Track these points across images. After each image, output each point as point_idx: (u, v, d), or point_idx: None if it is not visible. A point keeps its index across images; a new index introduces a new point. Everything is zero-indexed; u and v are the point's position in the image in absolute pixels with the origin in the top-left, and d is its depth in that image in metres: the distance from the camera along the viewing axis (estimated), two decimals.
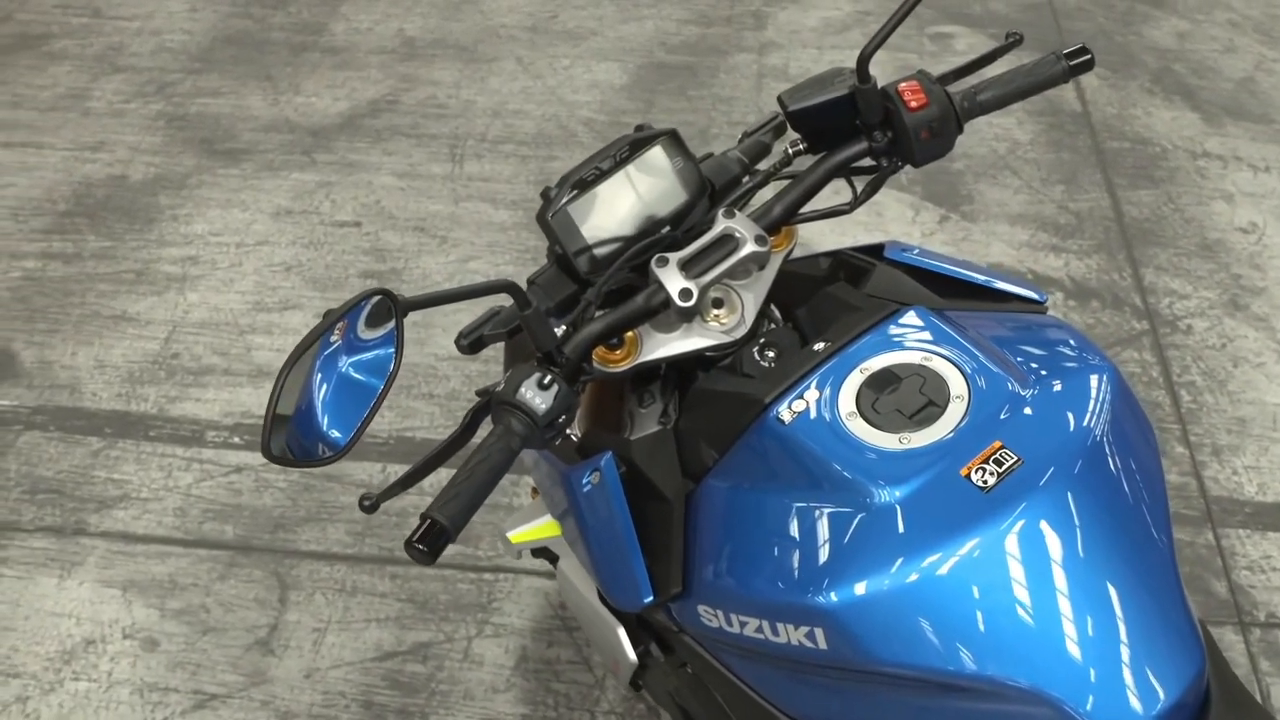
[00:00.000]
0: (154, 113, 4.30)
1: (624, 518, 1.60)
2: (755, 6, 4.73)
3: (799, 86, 1.73)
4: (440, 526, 1.42)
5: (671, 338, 1.71)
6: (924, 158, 1.70)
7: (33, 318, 3.54)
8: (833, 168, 1.73)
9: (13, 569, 2.91)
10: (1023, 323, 1.68)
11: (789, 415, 1.51)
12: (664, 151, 1.71)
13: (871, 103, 1.67)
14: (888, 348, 1.56)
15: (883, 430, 1.47)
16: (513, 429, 1.49)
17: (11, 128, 4.24)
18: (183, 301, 3.56)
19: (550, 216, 1.67)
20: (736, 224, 1.65)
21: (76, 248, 3.76)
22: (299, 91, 4.38)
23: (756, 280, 1.74)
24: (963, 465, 1.41)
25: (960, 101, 1.70)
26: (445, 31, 4.67)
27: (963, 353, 1.52)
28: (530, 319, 1.52)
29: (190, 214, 3.86)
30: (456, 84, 4.39)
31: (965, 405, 1.47)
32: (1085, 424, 1.47)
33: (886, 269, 1.78)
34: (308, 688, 2.66)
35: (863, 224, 3.71)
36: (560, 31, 4.66)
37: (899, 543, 1.38)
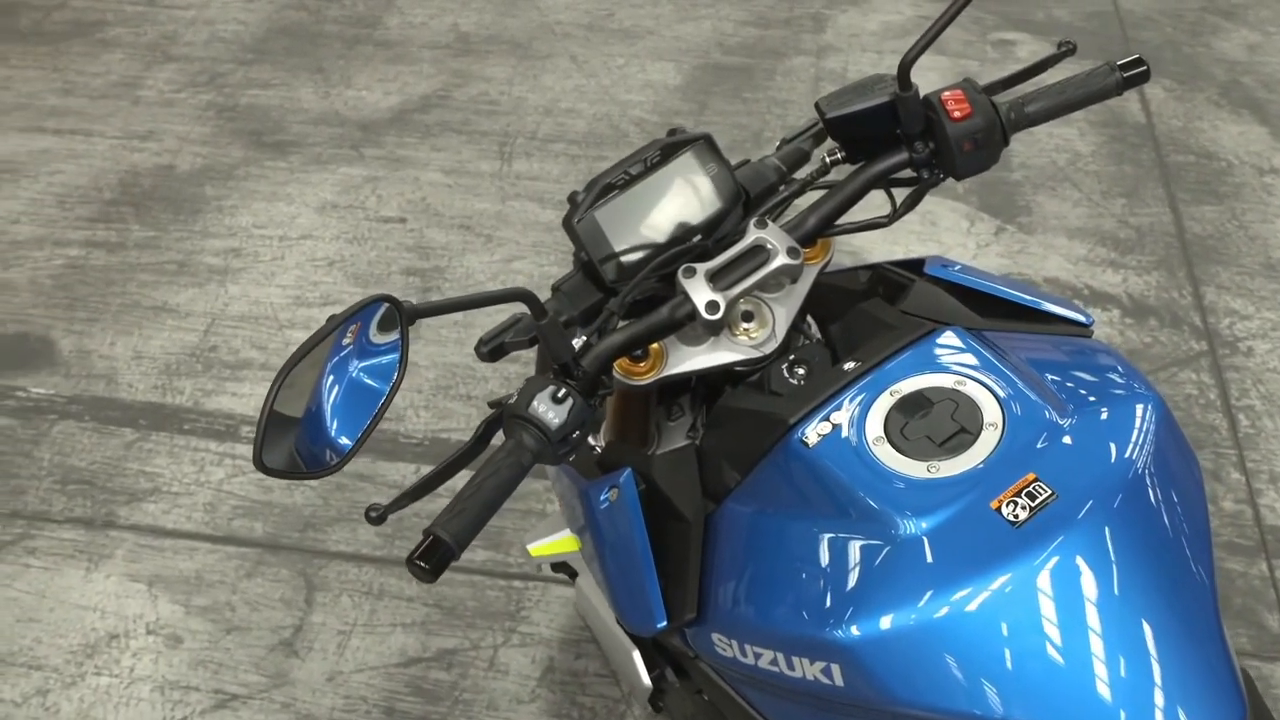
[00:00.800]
0: (204, 103, 4.28)
1: (641, 538, 1.54)
2: (815, 9, 4.65)
3: (838, 93, 1.66)
4: (443, 544, 1.36)
5: (698, 351, 1.64)
6: (966, 170, 1.62)
7: (73, 306, 3.52)
8: (871, 178, 1.65)
9: (40, 559, 2.89)
10: (1065, 346, 1.60)
11: (814, 438, 1.44)
12: (697, 157, 1.65)
13: (913, 111, 1.60)
14: (920, 370, 1.48)
15: (911, 458, 1.40)
16: (524, 444, 1.43)
17: (62, 115, 4.24)
18: (223, 294, 3.53)
19: (576, 222, 1.61)
20: (768, 235, 1.58)
21: (120, 237, 3.74)
22: (350, 85, 4.34)
23: (789, 294, 1.68)
24: (993, 498, 1.34)
25: (1007, 112, 1.62)
26: (500, 27, 4.62)
27: (999, 378, 1.45)
28: (546, 329, 1.46)
29: (235, 206, 3.84)
30: (509, 80, 4.34)
31: (999, 434, 1.40)
32: (1126, 456, 1.39)
33: (926, 285, 1.71)
34: (329, 691, 2.62)
35: (915, 233, 3.62)
36: (616, 30, 4.60)
37: (922, 578, 1.31)
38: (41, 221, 3.81)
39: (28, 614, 2.79)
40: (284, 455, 1.29)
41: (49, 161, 4.04)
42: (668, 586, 1.53)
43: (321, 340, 1.27)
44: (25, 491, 3.04)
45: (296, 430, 1.31)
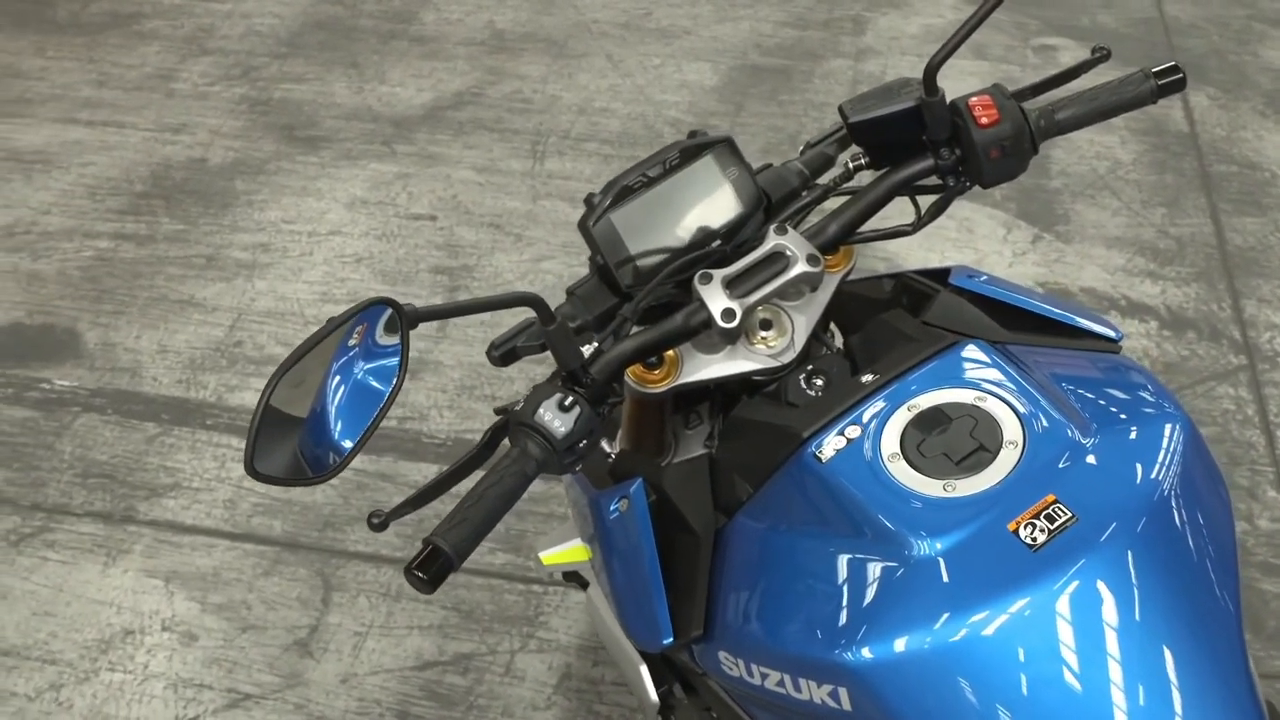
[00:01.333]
0: (238, 96, 4.26)
1: (649, 551, 1.50)
2: (855, 11, 4.59)
3: (863, 96, 1.61)
4: (442, 554, 1.33)
5: (714, 359, 1.60)
6: (993, 179, 1.57)
7: (100, 298, 3.51)
8: (895, 185, 1.61)
9: (59, 553, 2.88)
10: (1092, 362, 1.55)
11: (827, 453, 1.40)
12: (717, 160, 1.61)
13: (938, 117, 1.55)
14: (939, 384, 1.44)
15: (927, 475, 1.35)
16: (529, 452, 1.39)
17: (96, 106, 4.24)
18: (250, 289, 3.52)
19: (592, 224, 1.57)
20: (788, 241, 1.53)
21: (150, 229, 3.73)
22: (384, 80, 4.32)
23: (809, 302, 1.63)
24: (1011, 519, 1.29)
25: (1036, 120, 1.57)
26: (536, 25, 4.59)
27: (1021, 394, 1.40)
28: (554, 335, 1.42)
29: (265, 200, 3.82)
30: (544, 79, 4.31)
31: (1019, 452, 1.35)
32: (1151, 478, 1.34)
33: (950, 296, 1.66)
34: (343, 693, 2.59)
35: (952, 240, 3.57)
36: (653, 29, 4.56)
37: (935, 601, 1.26)
38: (72, 213, 3.80)
39: (44, 607, 2.78)
40: (278, 460, 1.25)
41: (81, 153, 4.04)
42: (676, 601, 1.49)
43: (317, 344, 1.24)
44: (46, 484, 3.02)
45: (291, 435, 1.27)
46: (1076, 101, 1.59)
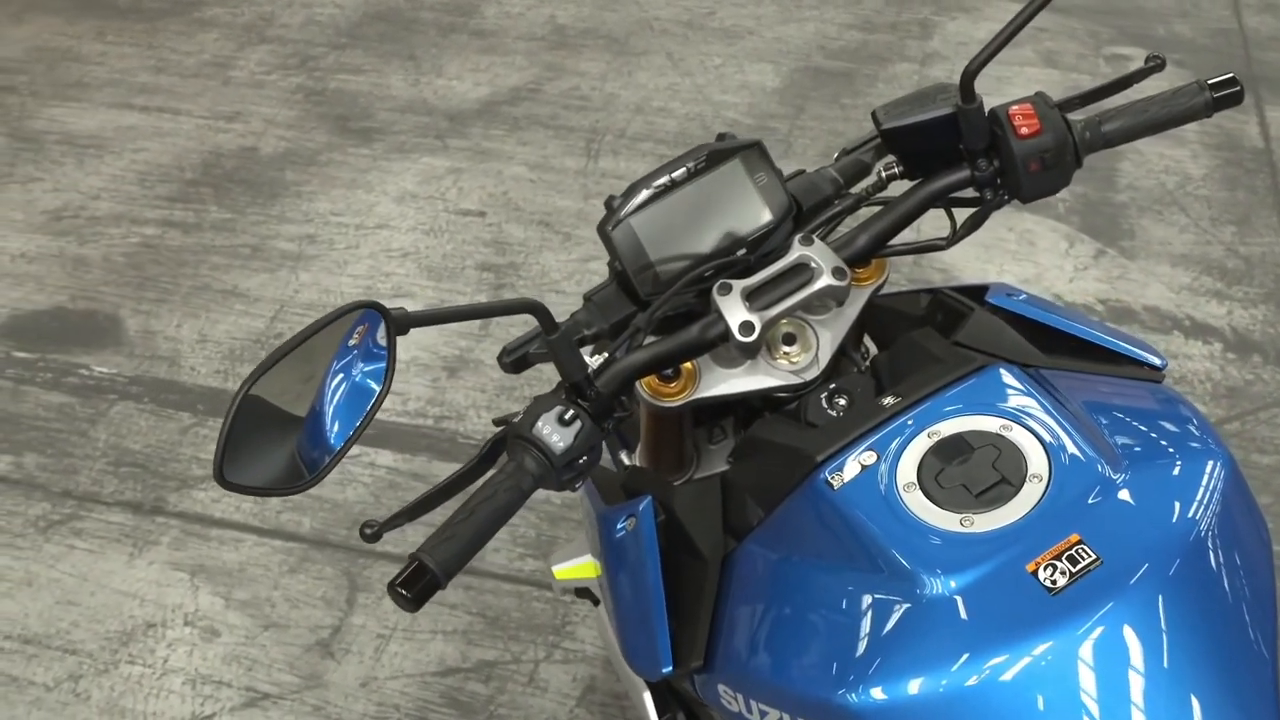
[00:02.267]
0: (293, 86, 4.23)
1: (654, 574, 1.43)
2: (924, 15, 4.48)
3: (898, 102, 1.53)
4: (428, 572, 1.26)
5: (733, 374, 1.53)
6: (1032, 193, 1.48)
7: (144, 285, 3.49)
8: (928, 196, 1.52)
9: (86, 542, 2.85)
10: (1131, 392, 1.46)
11: (839, 480, 1.32)
12: (745, 165, 1.53)
13: (975, 125, 1.46)
14: (964, 410, 1.35)
15: (943, 508, 1.26)
16: (525, 467, 1.32)
17: (152, 92, 4.22)
18: (294, 280, 3.48)
19: (610, 229, 1.50)
20: (813, 253, 1.45)
21: (197, 218, 3.71)
22: (441, 74, 4.28)
23: (837, 317, 1.55)
24: (1031, 559, 1.20)
25: (1081, 131, 1.48)
26: (598, 21, 4.53)
27: (1049, 424, 1.31)
28: (556, 344, 1.36)
29: (314, 191, 3.78)
30: (602, 76, 4.24)
31: (1043, 487, 1.26)
32: (1186, 518, 1.25)
33: (985, 315, 1.57)
34: (362, 697, 2.54)
35: (1012, 253, 3.46)
36: (716, 29, 4.48)
37: (944, 643, 1.18)
38: (121, 199, 3.79)
39: (68, 596, 2.75)
40: (250, 469, 1.19)
41: (134, 138, 4.02)
42: (678, 628, 1.42)
43: (294, 349, 1.18)
44: (78, 471, 3.00)
45: (266, 443, 1.21)
46: (1125, 113, 1.50)
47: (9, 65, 4.40)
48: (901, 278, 3.35)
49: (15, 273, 3.56)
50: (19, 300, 3.47)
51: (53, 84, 4.29)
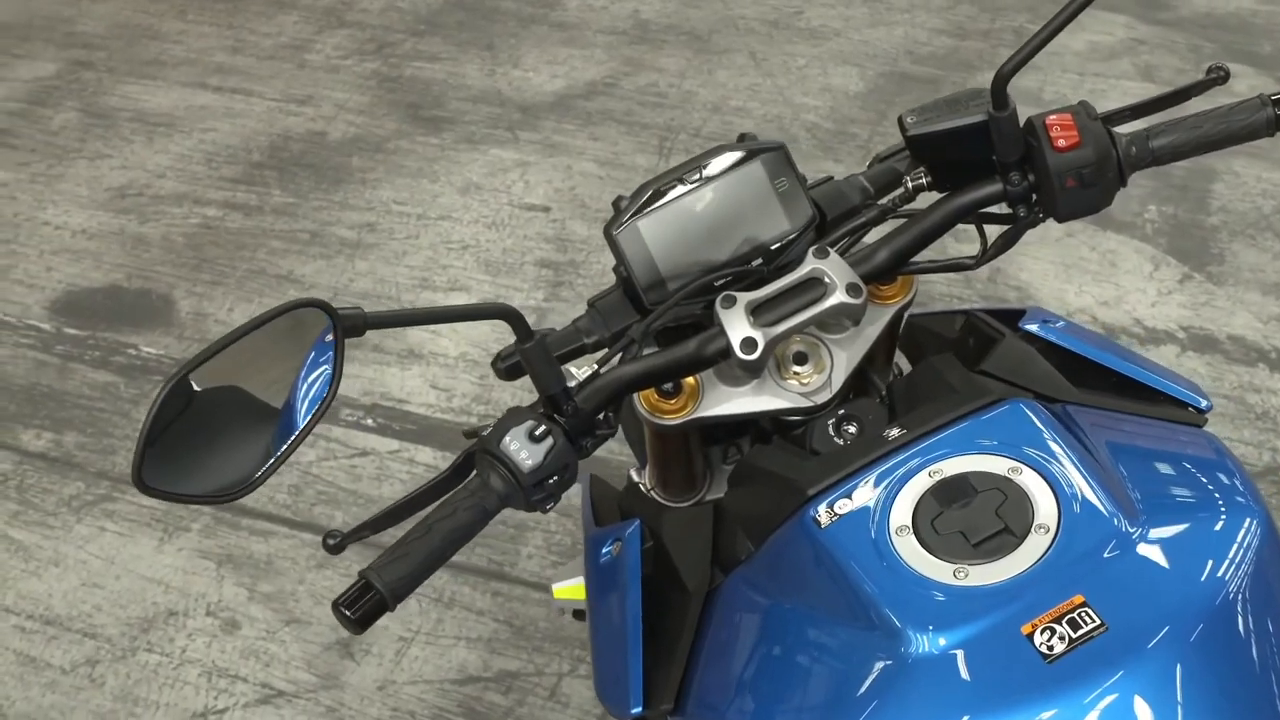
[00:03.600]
0: (368, 71, 4.19)
1: (633, 605, 1.33)
2: (1018, 22, 4.32)
3: (928, 106, 1.41)
4: (374, 592, 1.18)
5: (738, 392, 1.42)
6: (1068, 211, 1.36)
7: (200, 267, 3.45)
8: (956, 211, 1.40)
9: (117, 524, 2.81)
10: (1166, 435, 1.33)
11: (827, 518, 1.20)
12: (766, 169, 1.42)
13: (1008, 135, 1.34)
14: (971, 448, 1.22)
15: (937, 556, 1.14)
16: (490, 485, 1.23)
17: (227, 72, 4.20)
18: (350, 269, 3.42)
19: (615, 231, 1.40)
20: (827, 266, 1.34)
21: (260, 200, 3.67)
22: (517, 65, 4.20)
23: (854, 337, 1.44)
24: (1028, 620, 1.08)
25: (1126, 146, 1.35)
26: (682, 17, 4.43)
27: (1064, 469, 1.18)
28: (530, 354, 1.26)
29: (379, 179, 3.73)
30: (681, 73, 4.14)
31: (1049, 539, 1.13)
32: (1212, 580, 1.12)
33: (1016, 343, 1.45)
34: (378, 700, 2.46)
35: (1092, 274, 3.30)
36: (802, 29, 4.36)
37: (924, 708, 1.06)
38: (186, 178, 3.76)
39: (94, 579, 2.71)
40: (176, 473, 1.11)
41: (205, 119, 4.00)
42: (654, 664, 1.31)
43: (230, 344, 1.09)
44: (116, 452, 2.96)
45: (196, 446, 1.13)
46: (1177, 128, 1.37)
47: (90, 40, 4.40)
48: (974, 294, 3.21)
49: (74, 249, 3.54)
50: (75, 276, 3.45)
51: (130, 61, 4.28)
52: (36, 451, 2.98)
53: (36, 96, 4.15)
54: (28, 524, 2.81)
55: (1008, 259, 3.34)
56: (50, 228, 3.62)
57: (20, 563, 2.75)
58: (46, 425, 3.03)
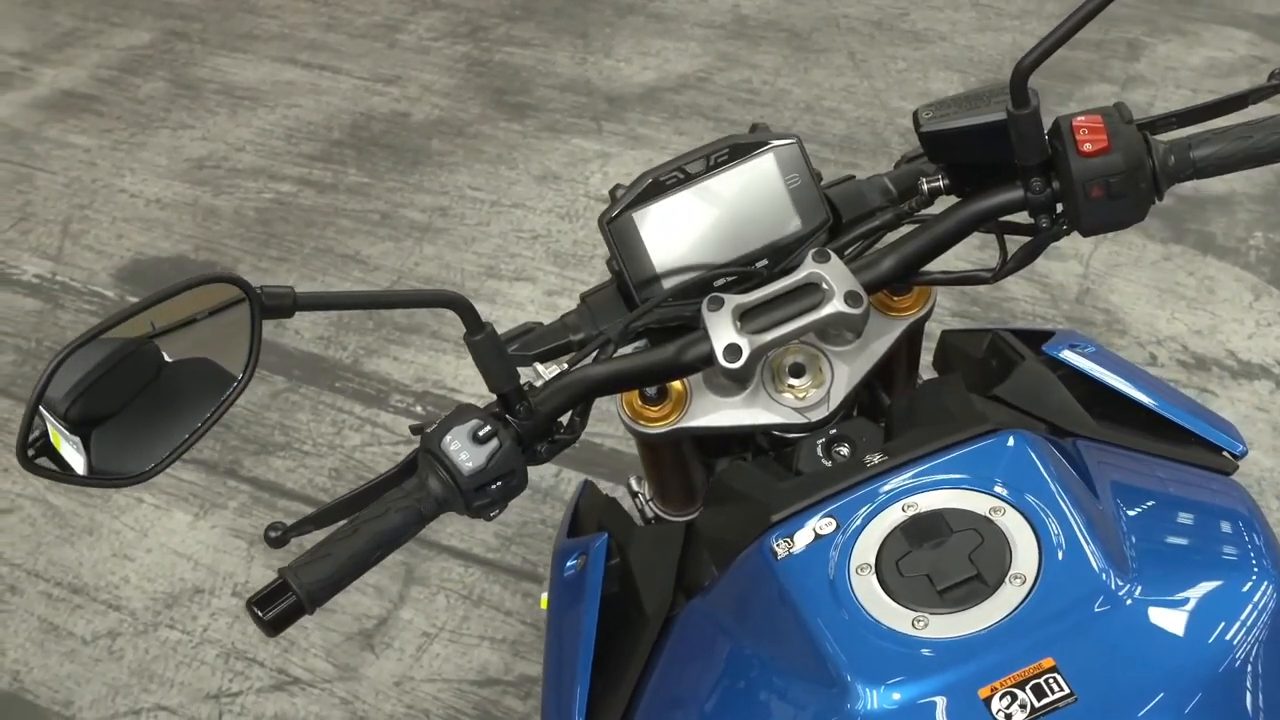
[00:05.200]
0: (458, 54, 4.13)
1: (588, 624, 1.23)
2: (1134, 34, 4.13)
3: (946, 101, 1.29)
4: (291, 594, 1.10)
5: (728, 403, 1.32)
6: (1092, 224, 1.22)
7: (268, 242, 3.42)
8: (971, 217, 1.27)
9: (154, 497, 2.78)
10: (1186, 482, 1.19)
11: (783, 549, 1.09)
12: (778, 163, 1.32)
13: (1028, 136, 1.22)
14: (953, 482, 1.10)
15: (897, 601, 1.02)
16: (428, 486, 1.15)
17: (318, 49, 4.17)
18: (417, 252, 3.36)
19: (608, 221, 1.31)
20: (826, 271, 1.23)
21: (335, 178, 3.63)
22: (609, 54, 4.12)
23: (859, 351, 1.33)
24: (986, 683, 0.96)
25: (1164, 155, 1.21)
26: (783, 14, 4.31)
27: (1053, 512, 1.05)
28: (480, 347, 1.17)
29: (456, 163, 3.67)
30: (776, 70, 4.02)
31: (1025, 592, 1.01)
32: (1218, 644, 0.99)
33: (1036, 367, 1.33)
34: (393, 696, 2.39)
35: (1187, 300, 3.12)
36: (906, 31, 4.21)
37: None
38: (265, 153, 3.74)
39: (125, 550, 2.68)
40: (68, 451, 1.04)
41: (291, 94, 3.97)
42: (603, 688, 1.21)
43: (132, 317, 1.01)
44: None
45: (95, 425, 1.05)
46: (1223, 138, 1.23)
47: (186, 11, 4.41)
48: (1059, 314, 3.06)
49: (147, 217, 3.53)
50: (144, 245, 3.44)
51: (223, 34, 4.28)
52: None
53: (129, 65, 4.16)
54: (67, 490, 2.79)
55: (1099, 280, 3.19)
56: (126, 195, 3.62)
57: (55, 529, 2.73)
58: None
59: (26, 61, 4.23)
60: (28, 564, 2.67)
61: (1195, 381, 2.88)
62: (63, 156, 3.79)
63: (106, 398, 1.07)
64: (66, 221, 3.54)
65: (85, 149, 3.81)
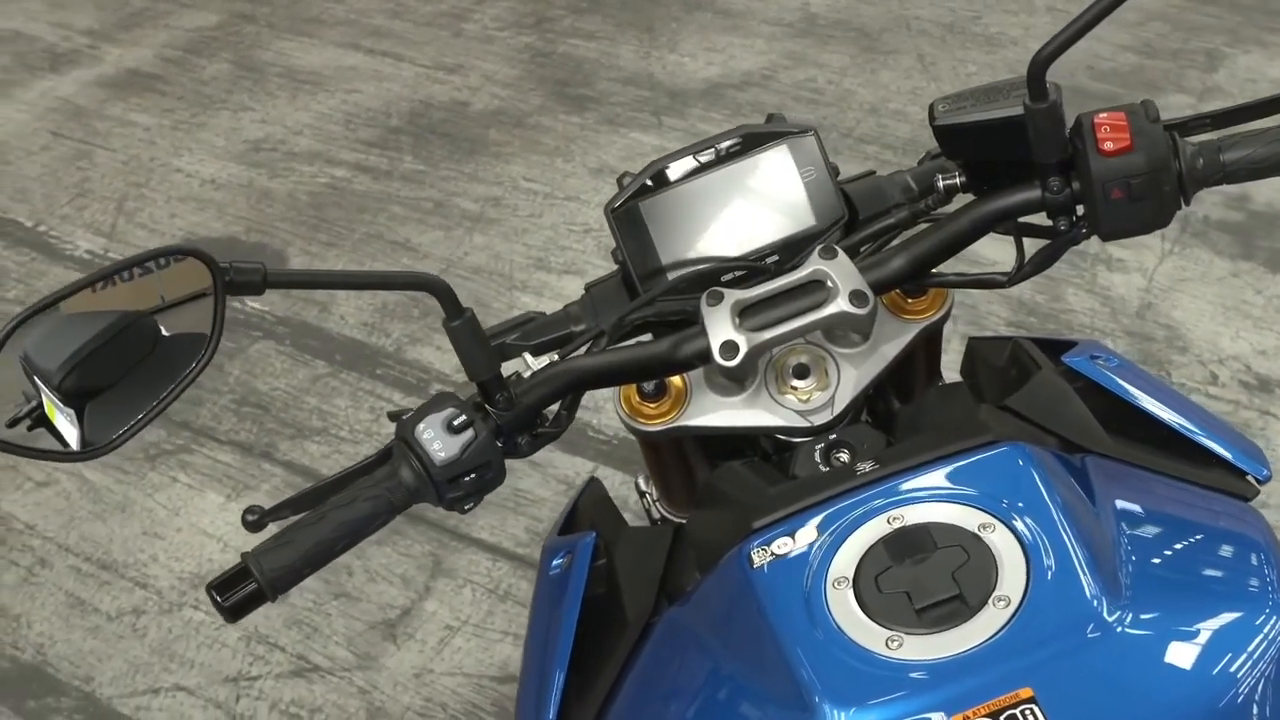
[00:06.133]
0: (522, 45, 4.10)
1: (567, 626, 1.18)
2: (1214, 44, 4.02)
3: (964, 94, 1.23)
4: (252, 580, 1.06)
5: (727, 403, 1.27)
6: (1112, 227, 1.15)
7: (319, 226, 3.41)
8: (985, 217, 1.20)
9: (189, 476, 2.77)
10: (1199, 505, 1.12)
11: (761, 558, 1.04)
12: (794, 155, 1.28)
13: (1046, 132, 1.15)
14: (945, 495, 1.04)
15: (872, 619, 0.97)
16: (400, 476, 1.11)
17: (382, 36, 4.16)
18: (467, 242, 3.33)
19: (612, 210, 1.26)
20: (832, 269, 1.17)
21: (390, 165, 3.61)
22: (674, 49, 4.07)
23: (869, 354, 1.27)
24: (958, 711, 0.90)
25: (1191, 157, 1.14)
26: (853, 13, 4.24)
27: (1048, 532, 0.99)
28: (457, 333, 1.14)
29: (513, 154, 3.64)
30: (843, 70, 3.96)
31: (1008, 615, 0.94)
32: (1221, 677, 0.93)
33: (1052, 378, 1.26)
34: (412, 688, 2.36)
35: (1254, 319, 3.02)
36: (978, 34, 4.13)
37: None
38: (322, 137, 3.73)
39: (155, 528, 2.67)
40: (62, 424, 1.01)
41: (352, 79, 3.97)
42: (578, 692, 1.17)
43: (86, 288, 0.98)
44: (202, 403, 2.93)
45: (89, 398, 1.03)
46: (1256, 140, 1.15)
47: None
48: (1118, 329, 2.97)
49: (201, 197, 3.54)
50: (196, 225, 3.44)
51: (291, 17, 4.28)
52: None
53: (194, 46, 4.18)
54: (104, 465, 2.79)
55: (1162, 294, 3.10)
56: (182, 175, 3.63)
57: (89, 504, 2.74)
58: None
59: (95, 40, 4.26)
60: (59, 538, 2.67)
61: (1257, 404, 2.79)
62: (123, 134, 3.81)
63: (102, 371, 1.05)
64: (122, 199, 3.55)
65: (145, 128, 3.82)
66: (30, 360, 1.03)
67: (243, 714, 2.34)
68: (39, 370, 1.02)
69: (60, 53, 4.21)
